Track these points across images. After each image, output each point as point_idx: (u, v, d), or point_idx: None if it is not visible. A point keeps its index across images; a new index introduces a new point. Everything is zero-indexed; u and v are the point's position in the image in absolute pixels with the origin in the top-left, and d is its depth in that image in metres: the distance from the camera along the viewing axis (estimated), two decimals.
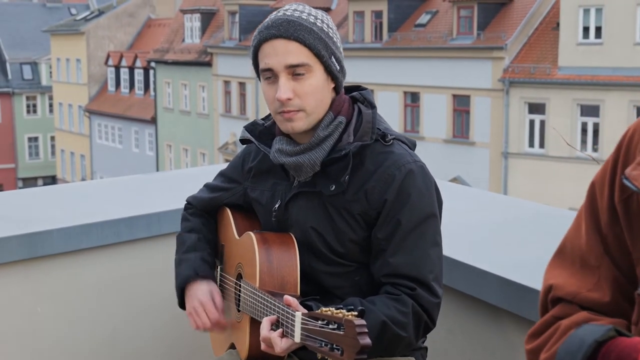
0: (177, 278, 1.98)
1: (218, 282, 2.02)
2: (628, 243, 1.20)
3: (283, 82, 1.72)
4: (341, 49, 1.81)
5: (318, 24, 1.75)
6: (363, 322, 1.39)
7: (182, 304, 1.99)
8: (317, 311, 1.48)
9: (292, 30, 1.71)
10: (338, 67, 1.77)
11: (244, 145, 1.98)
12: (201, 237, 2.02)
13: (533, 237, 2.47)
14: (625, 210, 1.20)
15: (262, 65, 1.75)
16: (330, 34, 1.77)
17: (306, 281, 1.79)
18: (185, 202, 2.12)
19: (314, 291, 1.79)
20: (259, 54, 1.76)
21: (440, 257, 1.78)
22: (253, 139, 1.88)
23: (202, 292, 1.94)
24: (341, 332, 1.41)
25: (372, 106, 1.82)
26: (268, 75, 1.75)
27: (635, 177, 1.14)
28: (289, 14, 1.75)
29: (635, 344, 1.10)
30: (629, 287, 1.23)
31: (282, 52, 1.71)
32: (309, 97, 1.73)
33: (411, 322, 1.71)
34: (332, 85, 1.79)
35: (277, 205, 1.86)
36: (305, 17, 1.74)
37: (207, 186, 2.08)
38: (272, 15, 1.77)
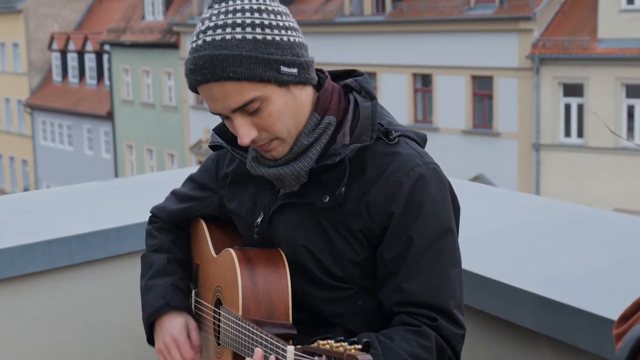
0: (144, 309, 1.98)
1: (193, 311, 2.02)
2: None
3: (239, 124, 1.70)
4: (291, 37, 1.70)
5: (248, 37, 1.66)
6: (369, 357, 1.39)
7: (151, 339, 1.99)
8: (312, 345, 1.48)
9: (219, 70, 1.66)
10: (295, 71, 1.71)
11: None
12: (171, 257, 2.01)
13: (572, 245, 2.48)
14: None
15: (208, 108, 1.74)
16: (268, 38, 1.67)
17: (298, 308, 1.78)
18: (150, 214, 2.11)
19: (308, 319, 1.79)
20: (198, 92, 1.74)
21: (461, 278, 1.79)
22: (225, 144, 1.85)
23: (175, 326, 1.93)
24: None
25: (372, 97, 1.79)
26: (219, 116, 1.75)
27: None
28: (209, 40, 1.67)
29: None
30: None
31: (221, 97, 1.69)
32: (276, 125, 1.71)
33: (435, 358, 1.71)
34: (299, 88, 1.74)
35: (259, 220, 1.85)
36: (229, 38, 1.66)
37: (175, 194, 2.08)
38: (193, 47, 1.70)
